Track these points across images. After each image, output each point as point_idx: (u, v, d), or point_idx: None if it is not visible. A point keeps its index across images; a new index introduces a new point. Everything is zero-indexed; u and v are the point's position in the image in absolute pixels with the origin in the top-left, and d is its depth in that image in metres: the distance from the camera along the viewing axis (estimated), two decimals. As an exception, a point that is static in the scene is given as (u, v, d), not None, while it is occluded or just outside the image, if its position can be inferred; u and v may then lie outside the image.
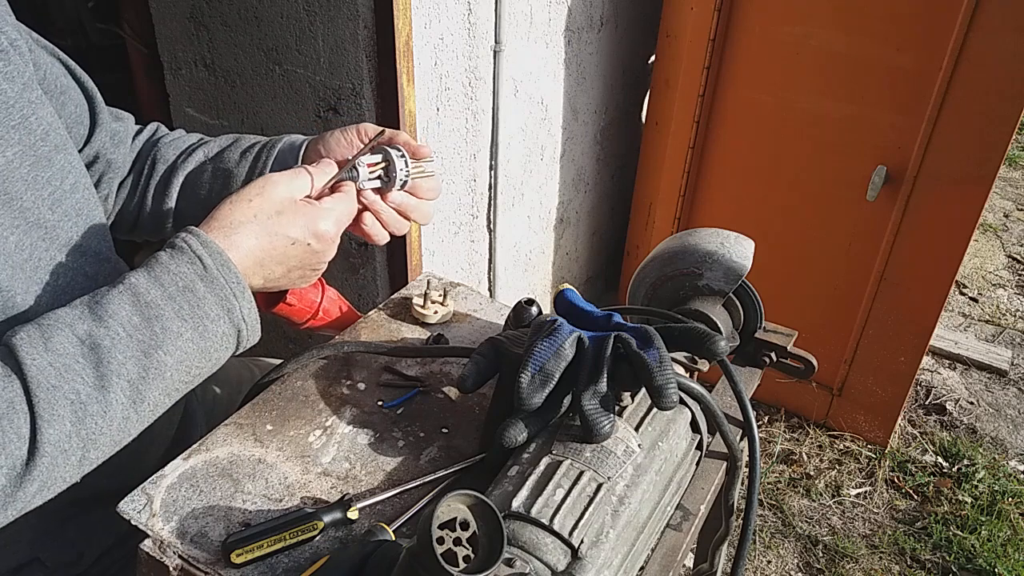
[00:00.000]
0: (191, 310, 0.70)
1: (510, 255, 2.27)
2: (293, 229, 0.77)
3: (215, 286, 0.71)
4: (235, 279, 0.72)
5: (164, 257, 0.71)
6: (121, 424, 0.68)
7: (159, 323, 0.68)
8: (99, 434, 0.67)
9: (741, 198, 2.30)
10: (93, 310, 0.67)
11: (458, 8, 1.70)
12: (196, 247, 0.71)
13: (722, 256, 0.98)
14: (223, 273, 0.72)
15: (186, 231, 0.73)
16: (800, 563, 2.10)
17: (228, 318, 0.72)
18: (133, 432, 0.70)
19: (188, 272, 0.71)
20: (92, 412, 0.65)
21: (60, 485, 0.67)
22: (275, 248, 0.76)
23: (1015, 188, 4.14)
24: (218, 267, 0.72)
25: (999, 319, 3.08)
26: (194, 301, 0.70)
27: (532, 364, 0.74)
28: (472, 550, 0.61)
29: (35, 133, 0.77)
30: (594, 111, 2.41)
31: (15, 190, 0.74)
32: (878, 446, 2.42)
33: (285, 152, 0.98)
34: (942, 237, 2.02)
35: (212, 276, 0.71)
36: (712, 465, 0.92)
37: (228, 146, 1.01)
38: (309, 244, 0.78)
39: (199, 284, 0.71)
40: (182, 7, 1.71)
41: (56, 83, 0.86)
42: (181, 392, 0.73)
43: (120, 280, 0.70)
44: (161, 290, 0.69)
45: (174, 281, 0.70)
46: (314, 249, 0.79)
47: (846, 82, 2.00)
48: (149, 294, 0.69)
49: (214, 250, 0.72)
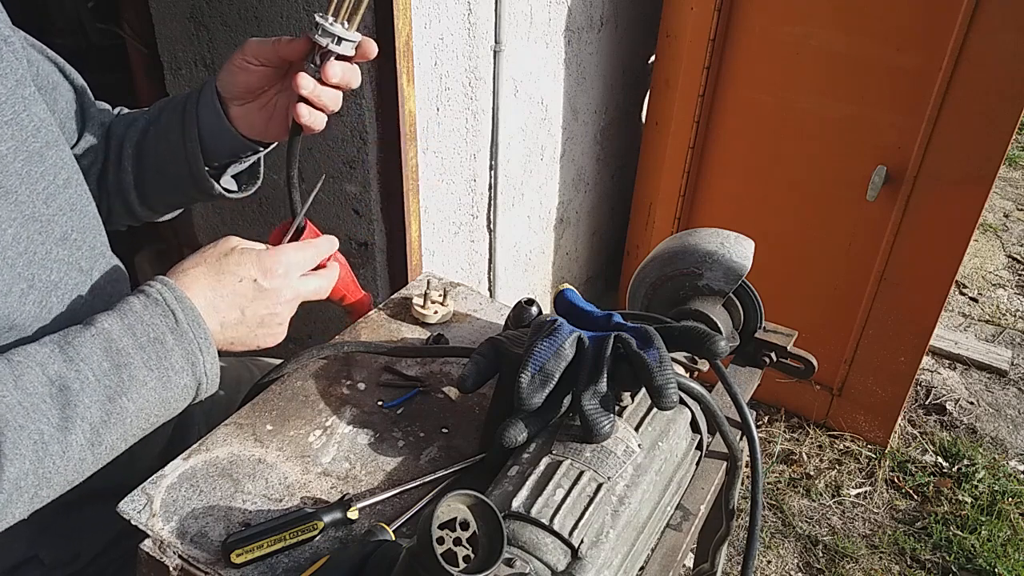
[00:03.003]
0: (158, 361, 0.72)
1: (510, 255, 2.27)
2: (240, 268, 0.78)
3: (184, 340, 0.73)
4: (203, 334, 0.74)
5: (138, 306, 0.73)
6: (77, 465, 0.69)
7: (127, 371, 0.70)
8: (55, 473, 0.67)
9: (741, 198, 2.29)
10: (65, 351, 0.68)
11: (458, 8, 1.69)
12: (171, 301, 0.73)
13: (722, 256, 0.98)
14: (192, 328, 0.74)
15: (160, 282, 0.75)
16: (800, 563, 2.10)
17: (191, 371, 0.74)
18: (86, 473, 0.71)
19: (160, 324, 0.72)
20: (52, 452, 0.66)
21: (7, 522, 0.67)
22: (223, 286, 0.77)
23: (1015, 188, 4.14)
24: (189, 322, 0.74)
25: (999, 319, 3.08)
26: (162, 353, 0.72)
27: (532, 364, 0.74)
28: (472, 550, 0.61)
29: (27, 129, 0.78)
30: (594, 111, 2.41)
31: (10, 184, 0.75)
32: (878, 446, 2.42)
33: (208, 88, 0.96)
34: (942, 237, 2.02)
35: (182, 330, 0.73)
36: (712, 465, 0.92)
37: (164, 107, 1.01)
38: (256, 281, 0.78)
39: (169, 337, 0.73)
40: (182, 7, 1.71)
41: (48, 79, 0.88)
42: (136, 438, 0.75)
43: (92, 322, 0.71)
44: (133, 339, 0.71)
45: (146, 332, 0.72)
46: (263, 287, 0.78)
47: (846, 82, 2.00)
48: (121, 342, 0.70)
49: (187, 306, 0.74)
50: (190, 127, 0.95)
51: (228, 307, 0.77)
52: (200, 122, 0.95)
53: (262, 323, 0.81)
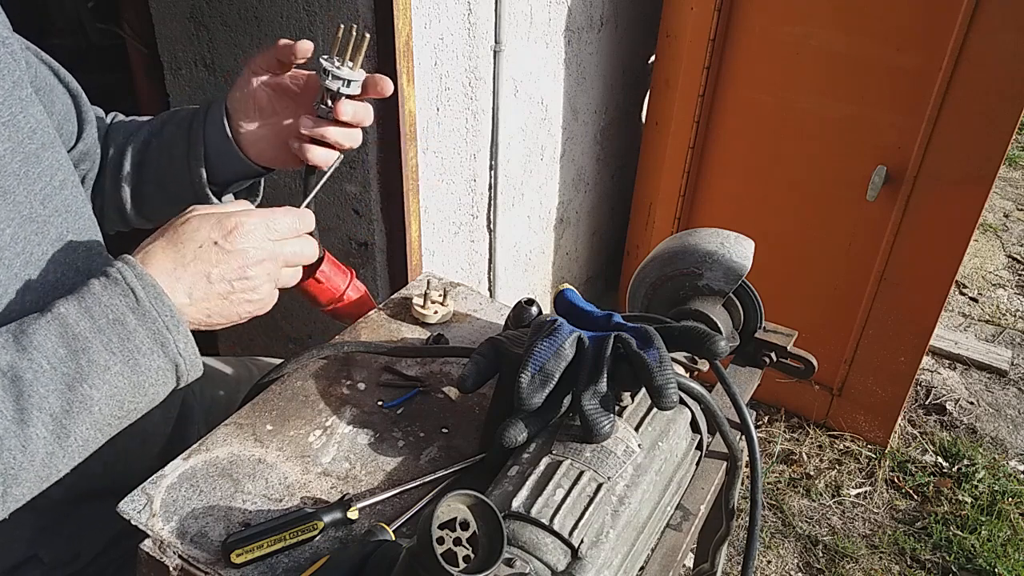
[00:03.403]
0: (120, 343, 0.68)
1: (510, 255, 2.27)
2: (199, 233, 0.73)
3: (147, 319, 0.69)
4: (168, 312, 0.70)
5: (97, 287, 0.69)
6: (45, 459, 0.66)
7: (85, 356, 0.66)
8: (19, 469, 0.65)
9: (741, 198, 2.29)
10: (18, 340, 0.66)
11: (458, 8, 1.70)
12: (130, 279, 0.69)
13: (722, 256, 0.98)
14: (156, 306, 0.69)
15: (122, 260, 0.71)
16: (800, 563, 2.10)
17: (162, 352, 0.70)
18: (62, 467, 0.69)
19: (119, 304, 0.68)
20: (10, 447, 0.63)
21: None
22: (183, 255, 0.72)
23: (1015, 188, 4.14)
24: (151, 299, 0.69)
25: (999, 319, 3.08)
26: (124, 334, 0.68)
27: (532, 364, 0.74)
28: (472, 550, 0.61)
29: (23, 131, 0.78)
30: (594, 111, 2.41)
31: (7, 185, 0.75)
32: (878, 446, 2.42)
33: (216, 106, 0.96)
34: (942, 237, 2.02)
35: (144, 309, 0.69)
36: (712, 465, 0.92)
37: (168, 120, 1.00)
38: (217, 243, 0.73)
39: (130, 317, 0.68)
40: (182, 7, 1.71)
41: (45, 81, 0.88)
42: (116, 428, 0.71)
43: (49, 308, 0.68)
44: (90, 322, 0.67)
45: (104, 313, 0.68)
46: (225, 249, 0.73)
47: (846, 82, 2.00)
48: (78, 326, 0.67)
49: (148, 282, 0.70)
50: (196, 145, 0.95)
51: (192, 276, 0.72)
52: (207, 141, 0.95)
53: (234, 289, 0.75)
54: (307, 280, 1.02)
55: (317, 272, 1.03)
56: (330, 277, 1.04)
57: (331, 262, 1.05)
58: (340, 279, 1.06)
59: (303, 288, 1.03)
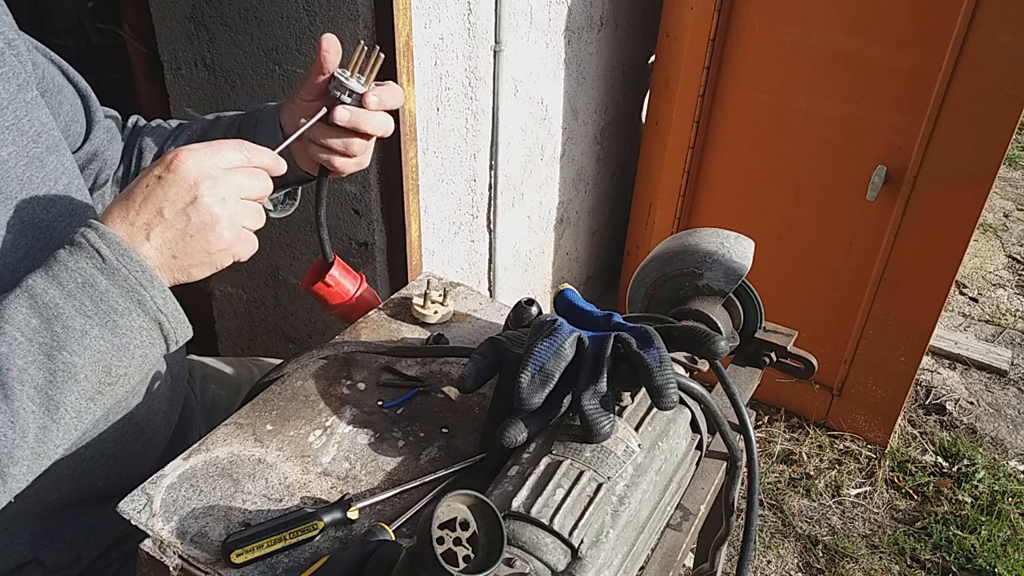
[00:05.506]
0: (94, 306, 0.66)
1: (510, 255, 2.27)
2: (144, 176, 0.71)
3: (117, 277, 0.67)
4: (139, 267, 0.68)
5: (63, 254, 0.68)
6: (38, 434, 0.65)
7: (59, 323, 0.65)
8: (13, 447, 0.64)
9: (741, 198, 2.29)
10: None
11: (458, 8, 1.70)
12: (94, 240, 0.68)
13: (722, 256, 0.98)
14: (124, 263, 0.68)
15: (85, 225, 0.69)
16: (800, 563, 2.10)
17: (141, 310, 0.68)
18: (59, 442, 0.68)
19: (86, 267, 0.67)
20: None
21: None
22: (133, 200, 0.70)
23: (1015, 188, 4.14)
24: (117, 257, 0.68)
25: (999, 319, 3.08)
26: (96, 296, 0.67)
27: (532, 364, 0.74)
28: (472, 550, 0.61)
29: (27, 135, 0.77)
30: (594, 111, 2.41)
31: (10, 190, 0.74)
32: (878, 446, 2.42)
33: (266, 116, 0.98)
34: (942, 237, 2.02)
35: (112, 267, 0.67)
36: (712, 465, 0.92)
37: (210, 126, 1.01)
38: (159, 177, 0.70)
39: (100, 278, 0.67)
40: (182, 7, 1.71)
41: (53, 82, 0.87)
42: (108, 395, 0.70)
43: (19, 283, 0.67)
44: (59, 288, 0.66)
45: (72, 278, 0.66)
46: (166, 178, 0.70)
47: (846, 82, 2.00)
48: (47, 294, 0.66)
49: (112, 240, 0.68)
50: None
51: (147, 215, 0.70)
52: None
53: (190, 219, 0.70)
54: (316, 284, 1.04)
55: (327, 276, 1.03)
56: (339, 281, 1.06)
57: (341, 266, 1.06)
58: (350, 283, 1.07)
59: (313, 292, 1.05)
